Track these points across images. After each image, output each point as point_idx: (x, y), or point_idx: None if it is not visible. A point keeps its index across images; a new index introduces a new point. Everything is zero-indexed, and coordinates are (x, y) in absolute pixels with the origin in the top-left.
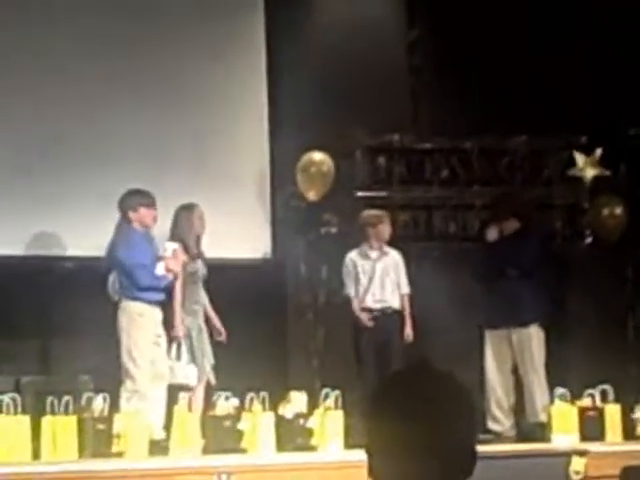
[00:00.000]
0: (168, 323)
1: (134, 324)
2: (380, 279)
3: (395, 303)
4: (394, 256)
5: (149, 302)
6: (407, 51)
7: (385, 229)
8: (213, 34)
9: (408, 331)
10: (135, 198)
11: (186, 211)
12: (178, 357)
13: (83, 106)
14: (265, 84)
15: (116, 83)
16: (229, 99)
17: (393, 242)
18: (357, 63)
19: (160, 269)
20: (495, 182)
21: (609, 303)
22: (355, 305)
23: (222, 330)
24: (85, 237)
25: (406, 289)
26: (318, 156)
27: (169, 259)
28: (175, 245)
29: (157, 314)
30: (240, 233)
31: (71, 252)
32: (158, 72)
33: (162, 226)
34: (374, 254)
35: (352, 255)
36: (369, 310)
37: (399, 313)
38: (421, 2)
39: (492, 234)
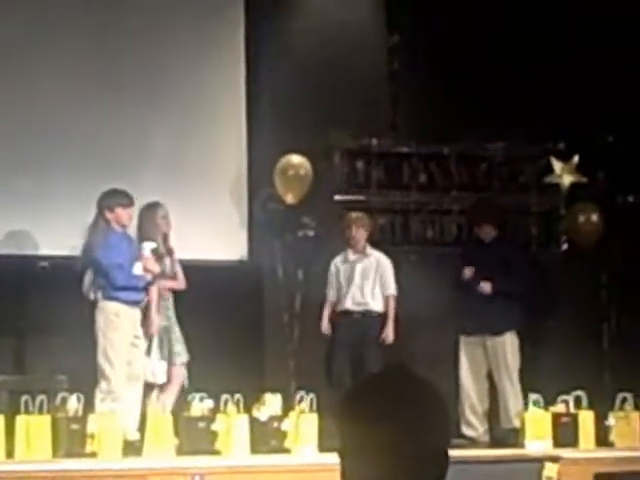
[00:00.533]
0: (143, 321)
1: (110, 325)
2: (360, 281)
3: (376, 306)
4: (377, 258)
5: (126, 302)
6: (387, 56)
7: (361, 232)
8: (193, 36)
9: (387, 332)
10: (113, 198)
11: (149, 211)
12: (148, 353)
13: (61, 105)
14: (244, 86)
15: (95, 83)
16: (208, 101)
17: (373, 245)
18: (337, 67)
19: (138, 269)
20: (473, 188)
21: (584, 309)
22: (325, 311)
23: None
24: (61, 236)
25: (391, 290)
26: (296, 159)
27: (148, 259)
28: (153, 245)
29: (134, 314)
30: (217, 235)
31: (47, 251)
32: (137, 74)
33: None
34: (353, 256)
35: (336, 260)
36: (348, 313)
37: (381, 315)
38: (401, 8)
39: (468, 273)
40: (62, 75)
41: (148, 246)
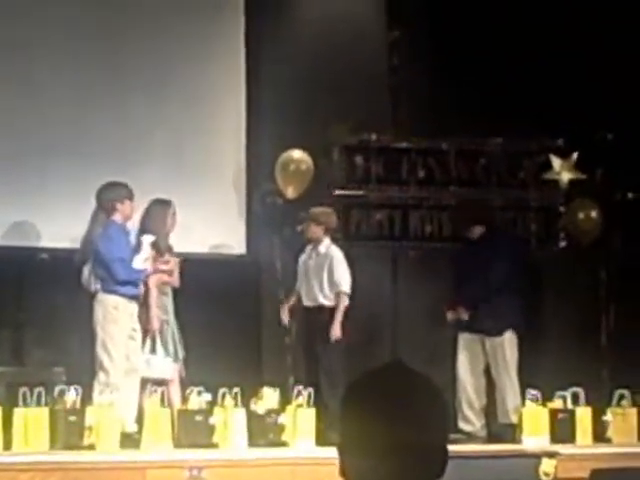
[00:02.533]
0: (140, 316)
1: (109, 317)
2: (314, 277)
3: (326, 301)
4: (330, 255)
5: (125, 296)
6: (387, 51)
7: (307, 228)
8: (193, 32)
9: (334, 328)
10: (118, 190)
11: (161, 206)
12: (153, 350)
13: (63, 99)
14: (244, 81)
15: (96, 78)
16: (208, 95)
17: (371, 240)
18: (337, 62)
19: (137, 263)
20: (471, 183)
21: (582, 306)
22: (287, 302)
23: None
24: (61, 229)
25: (341, 287)
26: (298, 154)
27: (149, 254)
28: (152, 238)
29: (133, 308)
30: (215, 229)
31: (47, 243)
32: (138, 68)
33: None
34: (309, 252)
35: (301, 255)
36: (306, 308)
37: (331, 311)
38: (402, 2)
39: (450, 317)
40: (64, 70)
41: (147, 239)
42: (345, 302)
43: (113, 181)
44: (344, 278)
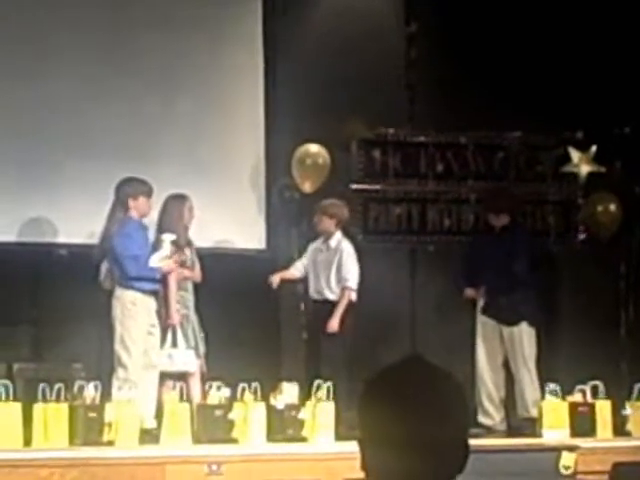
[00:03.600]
0: (160, 311)
1: (127, 313)
2: (322, 270)
3: (332, 295)
4: (339, 248)
5: (142, 291)
6: (405, 45)
7: (319, 221)
8: (210, 26)
9: (332, 322)
10: (136, 186)
11: (177, 201)
12: (174, 344)
13: (78, 95)
14: (262, 75)
15: (111, 72)
16: (225, 90)
17: (389, 234)
18: (354, 56)
19: (154, 260)
20: (489, 177)
21: (602, 299)
22: (285, 271)
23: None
24: (79, 225)
25: (348, 283)
26: (314, 148)
27: (167, 256)
28: (173, 236)
29: (151, 303)
30: (234, 223)
31: (65, 239)
32: (153, 62)
33: (153, 215)
34: (323, 246)
35: (311, 245)
36: (312, 300)
37: (330, 304)
38: None
39: (469, 293)
40: (81, 67)
41: (168, 238)
42: (351, 297)
43: (130, 177)
44: (351, 273)
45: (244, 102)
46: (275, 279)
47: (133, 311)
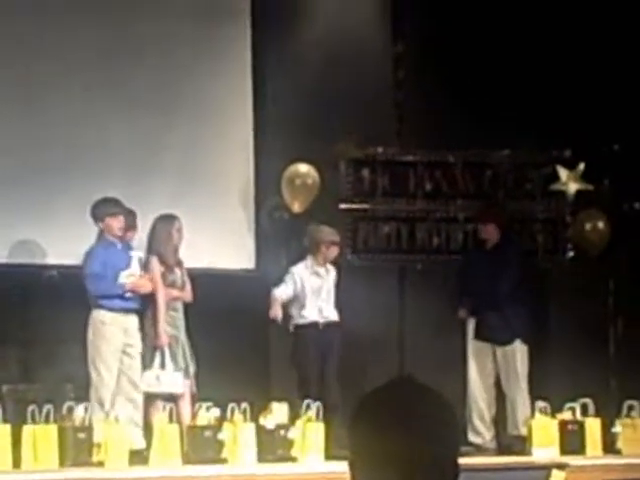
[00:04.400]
0: (148, 332)
1: (97, 333)
2: (326, 296)
3: (335, 317)
4: (334, 274)
5: (113, 309)
6: (392, 65)
7: (336, 251)
8: (200, 48)
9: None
10: (102, 207)
11: (165, 222)
12: (162, 365)
13: (69, 115)
14: (251, 95)
15: (103, 95)
16: (215, 111)
17: (378, 253)
18: (342, 76)
19: (122, 277)
20: (478, 195)
21: (591, 317)
22: (275, 301)
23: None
24: (68, 246)
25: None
26: (303, 168)
27: (137, 281)
28: (140, 254)
29: (128, 322)
30: (224, 243)
31: (54, 260)
32: (145, 85)
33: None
34: (322, 271)
35: (300, 268)
36: (315, 324)
37: (337, 326)
38: (406, 17)
39: (462, 314)
40: (70, 86)
41: (136, 255)
42: None
43: (102, 198)
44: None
45: (233, 123)
46: (278, 313)
47: (103, 330)
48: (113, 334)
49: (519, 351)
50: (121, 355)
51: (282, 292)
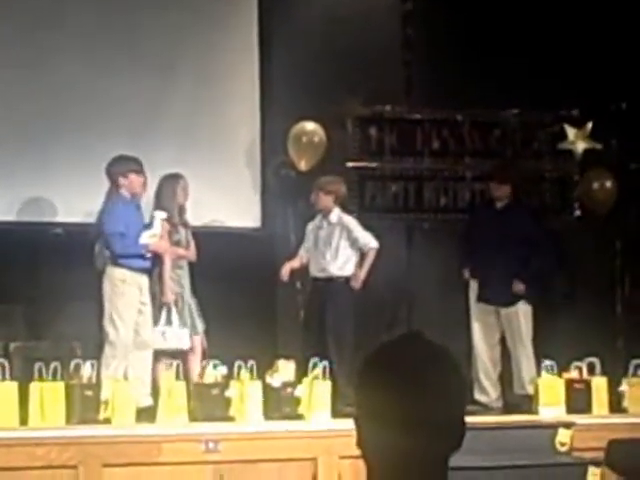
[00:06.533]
0: (154, 290)
1: (116, 290)
2: (323, 248)
3: (335, 271)
4: (342, 222)
5: (132, 269)
6: (401, 22)
7: (316, 198)
8: (206, 6)
9: (358, 278)
10: (125, 164)
11: (171, 180)
12: (169, 322)
13: (75, 76)
14: (257, 53)
15: (109, 54)
16: (220, 70)
17: (386, 212)
18: (350, 33)
19: (144, 238)
20: (486, 154)
21: (597, 276)
22: (291, 261)
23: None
24: (75, 203)
25: (372, 244)
26: (310, 126)
27: (159, 241)
28: (164, 214)
29: (142, 281)
30: (230, 202)
31: (61, 218)
32: (150, 43)
33: (151, 195)
34: (318, 223)
35: (309, 224)
36: (315, 279)
37: (345, 279)
38: None
39: (467, 274)
40: (76, 46)
41: (159, 215)
42: (373, 257)
43: (121, 155)
44: (368, 237)
45: (240, 82)
46: (285, 271)
47: (122, 288)
48: (131, 292)
49: (522, 311)
50: (136, 313)
51: (299, 255)
